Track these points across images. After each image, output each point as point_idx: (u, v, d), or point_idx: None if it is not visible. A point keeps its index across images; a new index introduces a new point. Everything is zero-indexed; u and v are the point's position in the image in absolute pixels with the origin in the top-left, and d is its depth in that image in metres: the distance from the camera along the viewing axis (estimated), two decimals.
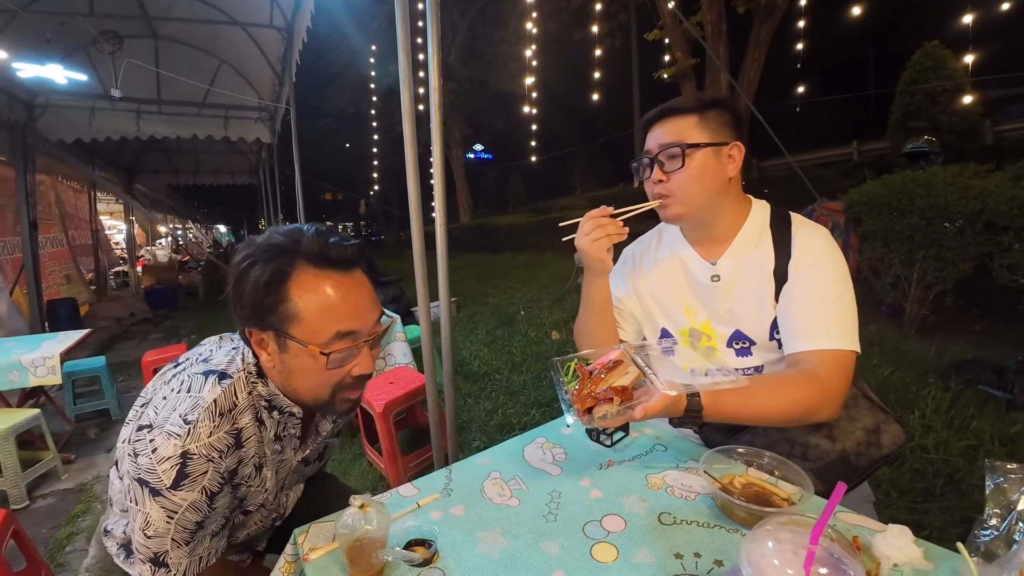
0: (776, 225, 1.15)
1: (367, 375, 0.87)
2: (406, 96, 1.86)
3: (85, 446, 3.43)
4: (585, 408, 0.93)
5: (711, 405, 0.95)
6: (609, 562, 0.81)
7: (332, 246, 0.82)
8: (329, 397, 0.86)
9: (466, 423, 3.13)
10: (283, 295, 0.79)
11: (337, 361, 0.82)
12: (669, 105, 1.15)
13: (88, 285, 8.50)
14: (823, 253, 1.09)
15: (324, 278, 0.81)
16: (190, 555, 0.83)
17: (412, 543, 0.82)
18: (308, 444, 1.01)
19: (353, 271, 0.85)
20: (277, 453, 0.94)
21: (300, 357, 0.82)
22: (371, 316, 0.86)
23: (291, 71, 5.80)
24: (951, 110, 5.63)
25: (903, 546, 0.78)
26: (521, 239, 11.24)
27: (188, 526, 0.80)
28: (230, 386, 0.85)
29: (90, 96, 5.92)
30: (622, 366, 0.98)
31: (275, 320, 0.80)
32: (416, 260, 1.97)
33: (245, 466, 0.86)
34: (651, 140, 1.16)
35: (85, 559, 2.26)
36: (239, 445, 0.84)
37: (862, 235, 3.61)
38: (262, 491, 0.93)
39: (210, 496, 0.80)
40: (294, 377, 0.85)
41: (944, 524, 1.78)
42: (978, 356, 2.84)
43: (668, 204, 1.15)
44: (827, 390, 1.01)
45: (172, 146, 8.54)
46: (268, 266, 0.79)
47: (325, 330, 0.80)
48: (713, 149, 1.10)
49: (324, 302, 0.80)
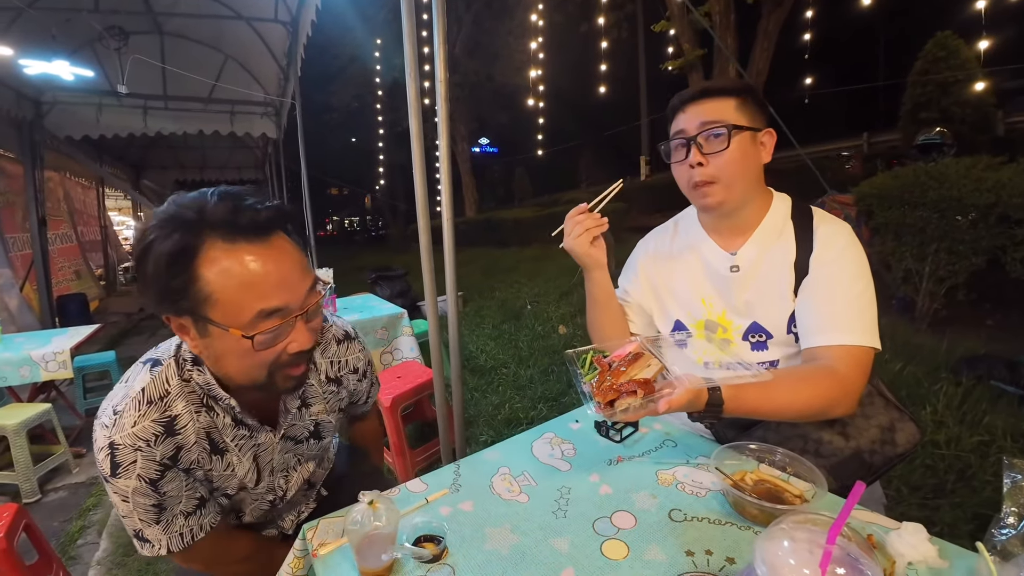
0: (798, 218, 1.13)
1: (307, 350, 0.81)
2: (412, 90, 1.85)
3: None
4: (607, 401, 0.91)
5: (732, 399, 0.94)
6: (620, 559, 0.80)
7: (241, 211, 0.72)
8: (266, 378, 0.80)
9: (473, 417, 3.14)
10: (192, 275, 0.70)
11: (266, 342, 0.75)
12: (709, 85, 1.12)
13: (97, 281, 8.57)
14: (845, 248, 1.07)
15: (236, 251, 0.71)
16: (166, 532, 0.83)
17: (421, 539, 0.82)
18: (281, 425, 0.96)
19: (271, 238, 0.75)
20: (245, 438, 0.91)
21: (224, 340, 0.75)
22: (300, 287, 0.77)
23: (296, 66, 5.79)
24: (963, 101, 5.54)
25: (918, 544, 0.77)
26: (527, 233, 11.20)
27: (147, 508, 0.80)
28: (160, 374, 0.83)
29: (97, 92, 5.93)
30: (643, 358, 0.96)
31: (189, 304, 0.72)
32: (423, 254, 1.97)
33: (188, 452, 0.83)
34: (686, 121, 1.11)
35: (96, 552, 2.28)
36: (172, 432, 0.81)
37: (873, 228, 3.57)
38: (232, 476, 0.91)
39: (151, 482, 0.79)
40: (224, 361, 0.79)
41: (956, 521, 1.76)
42: (990, 351, 2.81)
43: (711, 191, 1.10)
44: (845, 386, 0.99)
45: (179, 142, 8.56)
46: (169, 242, 0.69)
47: (246, 310, 0.72)
48: (751, 134, 1.08)
49: (240, 279, 0.71)
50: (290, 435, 0.99)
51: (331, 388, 1.05)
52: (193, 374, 0.84)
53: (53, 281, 6.06)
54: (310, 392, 1.01)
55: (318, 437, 1.05)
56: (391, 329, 3.10)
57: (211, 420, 0.86)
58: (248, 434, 0.91)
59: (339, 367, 1.06)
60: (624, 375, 0.93)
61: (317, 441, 1.05)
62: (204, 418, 0.85)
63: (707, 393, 0.93)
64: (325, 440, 1.08)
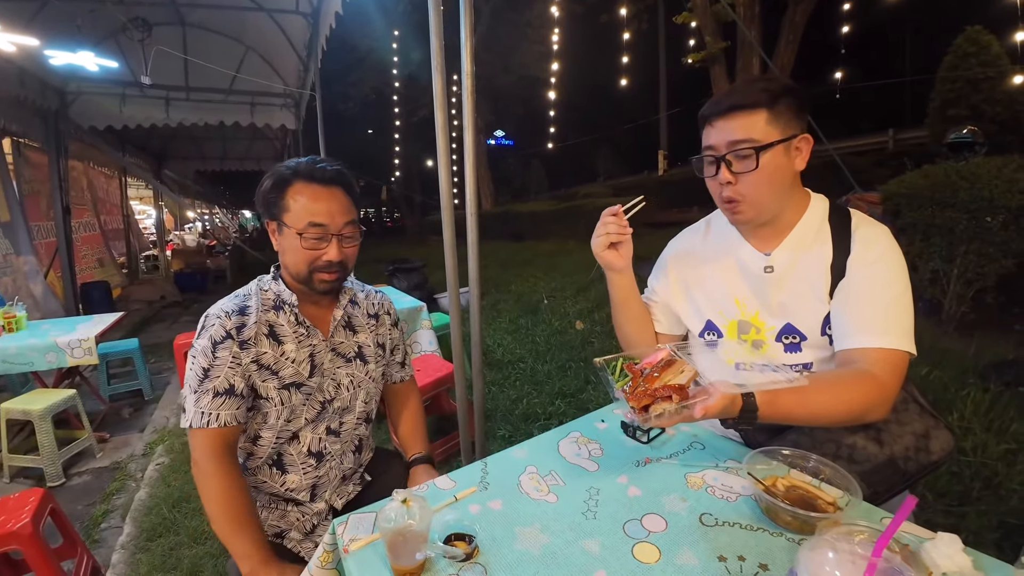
0: (836, 220, 1.11)
1: (336, 262, 1.17)
2: (438, 83, 1.84)
3: (119, 425, 3.54)
4: (641, 406, 0.90)
5: (766, 405, 0.92)
6: (652, 563, 0.80)
7: (318, 168, 1.16)
8: (307, 273, 1.17)
9: (491, 411, 3.15)
10: (281, 195, 1.15)
11: (311, 244, 1.14)
12: (738, 101, 1.06)
13: (120, 269, 8.73)
14: (885, 251, 1.06)
15: (308, 187, 1.15)
16: (196, 404, 1.09)
17: (452, 537, 0.82)
18: (332, 332, 1.26)
19: (332, 187, 1.17)
20: (304, 337, 1.21)
21: (288, 238, 1.16)
22: (339, 219, 1.16)
23: (316, 57, 5.80)
24: (994, 98, 5.36)
25: (953, 555, 0.76)
26: (544, 227, 11.18)
27: (198, 372, 1.10)
28: (250, 284, 1.25)
29: (120, 83, 6.00)
30: (676, 364, 0.95)
31: (276, 211, 1.16)
32: (447, 248, 1.97)
33: (248, 329, 1.14)
34: (715, 136, 1.09)
35: (120, 536, 2.33)
36: (242, 312, 1.15)
37: (900, 228, 3.49)
38: (287, 362, 1.18)
39: (213, 343, 1.11)
40: (286, 253, 1.18)
41: (981, 529, 1.73)
42: (1019, 357, 2.74)
43: (740, 209, 1.10)
44: (882, 390, 0.98)
45: (200, 132, 8.65)
46: (273, 178, 1.17)
47: (302, 219, 1.14)
48: (783, 145, 1.05)
49: (304, 202, 1.14)
50: (340, 351, 1.28)
51: (372, 321, 1.38)
52: (271, 285, 1.23)
53: (76, 269, 6.17)
54: (355, 321, 1.33)
55: (363, 360, 1.32)
56: (411, 323, 3.12)
57: (276, 318, 1.20)
58: (306, 333, 1.22)
59: (377, 307, 1.41)
60: (658, 380, 0.93)
61: (363, 364, 1.32)
62: (271, 315, 1.19)
63: (741, 400, 0.91)
64: (369, 365, 1.33)
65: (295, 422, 1.20)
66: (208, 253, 11.85)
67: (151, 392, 3.98)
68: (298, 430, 1.22)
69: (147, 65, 5.20)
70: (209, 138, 9.78)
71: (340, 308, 1.29)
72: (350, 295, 1.33)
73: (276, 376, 1.17)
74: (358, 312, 1.35)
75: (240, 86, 6.49)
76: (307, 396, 1.21)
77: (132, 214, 10.35)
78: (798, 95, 1.07)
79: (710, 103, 1.12)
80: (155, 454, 3.05)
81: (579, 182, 18.61)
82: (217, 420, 1.10)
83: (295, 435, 1.22)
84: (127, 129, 6.60)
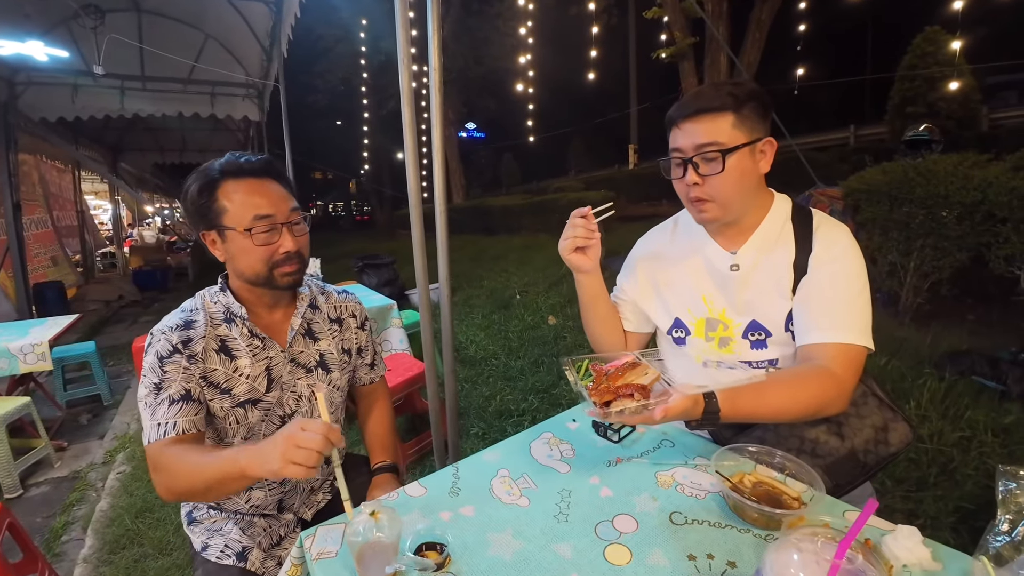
0: (798, 219, 1.14)
1: (294, 252, 1.12)
2: (405, 76, 1.80)
3: (77, 432, 3.40)
4: (603, 401, 0.91)
5: (727, 403, 0.94)
6: (623, 564, 0.80)
7: (244, 162, 1.10)
8: (268, 272, 1.10)
9: (464, 409, 3.13)
10: (213, 199, 1.08)
11: (262, 239, 1.07)
12: (704, 104, 1.07)
13: (75, 267, 8.35)
14: (846, 249, 1.09)
15: (242, 183, 1.09)
16: (151, 418, 1.03)
17: (423, 547, 0.81)
18: (290, 342, 1.19)
19: (264, 178, 1.11)
20: (259, 349, 1.15)
21: (235, 241, 1.08)
22: (283, 206, 1.10)
23: (281, 46, 5.64)
24: (949, 96, 5.59)
25: (912, 547, 0.78)
26: (516, 221, 11.14)
27: (150, 387, 1.04)
28: (196, 295, 1.17)
29: (72, 73, 5.71)
30: (640, 367, 0.97)
31: (212, 217, 1.08)
32: (415, 244, 1.94)
33: (194, 344, 1.08)
34: (682, 138, 1.11)
35: (82, 549, 2.24)
36: (188, 327, 1.09)
37: (860, 222, 3.60)
38: (240, 379, 1.11)
39: (160, 359, 1.05)
40: (236, 259, 1.10)
41: (938, 514, 1.81)
42: (972, 346, 2.86)
43: (706, 208, 1.12)
44: (839, 385, 1.01)
45: (157, 124, 8.30)
46: (199, 182, 1.09)
47: (246, 215, 1.07)
48: (749, 148, 1.07)
49: (242, 197, 1.07)
50: (299, 361, 1.21)
51: (334, 327, 1.30)
52: (219, 297, 1.15)
53: (29, 268, 5.87)
54: (316, 328, 1.26)
55: (326, 369, 1.24)
56: (381, 321, 3.07)
57: (228, 331, 1.13)
58: (261, 345, 1.15)
59: (340, 311, 1.33)
60: (621, 379, 0.94)
61: (326, 373, 1.24)
62: (222, 329, 1.13)
63: (704, 400, 0.93)
64: (333, 374, 1.25)
65: (254, 439, 1.15)
66: (168, 249, 11.44)
67: (110, 397, 3.82)
68: None
69: (100, 54, 4.97)
70: (167, 130, 9.38)
71: (298, 316, 1.21)
72: (308, 299, 1.25)
73: (228, 395, 1.10)
74: (319, 317, 1.27)
75: (200, 76, 6.27)
76: (265, 412, 1.15)
77: (87, 209, 9.91)
78: (763, 99, 1.09)
79: (677, 106, 1.13)
80: (116, 462, 2.94)
81: (551, 175, 18.62)
82: (175, 428, 1.03)
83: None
84: (80, 121, 6.29)
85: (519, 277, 6.50)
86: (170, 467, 1.00)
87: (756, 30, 7.56)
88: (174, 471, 0.99)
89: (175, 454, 1.01)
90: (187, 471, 0.98)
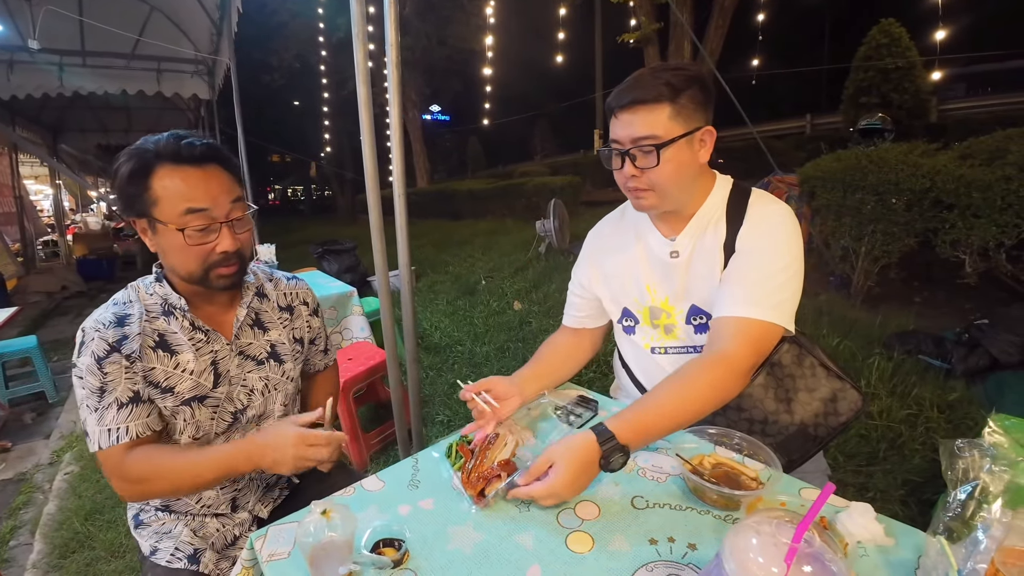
0: (734, 200, 1.13)
1: (233, 252, 1.01)
2: (360, 52, 1.73)
3: (21, 432, 3.23)
4: (478, 492, 0.89)
5: (628, 432, 0.89)
6: (585, 552, 0.79)
7: (184, 145, 0.97)
8: (202, 272, 1.01)
9: (428, 397, 3.10)
10: (145, 186, 0.96)
11: (196, 238, 0.97)
12: (640, 95, 1.04)
13: (14, 257, 7.90)
14: (775, 227, 1.07)
15: (178, 170, 0.97)
16: (99, 424, 0.97)
17: (380, 544, 0.78)
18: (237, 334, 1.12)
19: (206, 166, 0.99)
20: (203, 343, 1.07)
21: (166, 236, 0.98)
22: (223, 200, 1.00)
23: (231, 21, 5.35)
24: (902, 88, 5.78)
25: (867, 523, 0.80)
26: (481, 205, 11.05)
27: (92, 391, 0.97)
28: (129, 287, 1.09)
29: (6, 49, 5.34)
30: (500, 438, 0.96)
31: (141, 206, 0.97)
32: (373, 229, 1.88)
33: (131, 342, 0.99)
34: (619, 129, 1.08)
35: (30, 555, 2.14)
36: (121, 323, 1.00)
37: (815, 208, 3.71)
38: (184, 376, 1.04)
39: (98, 360, 0.97)
40: (168, 255, 1.01)
41: (888, 487, 1.89)
42: (919, 327, 3.00)
43: (644, 196, 1.11)
44: (732, 367, 0.99)
45: (100, 102, 7.82)
46: (131, 164, 0.97)
47: (177, 209, 0.96)
48: (687, 139, 1.05)
49: (176, 187, 0.96)
50: (248, 353, 1.14)
51: (285, 315, 1.23)
52: (155, 287, 1.06)
53: None
54: (265, 317, 1.19)
55: (278, 360, 1.18)
56: (340, 308, 2.99)
57: (167, 325, 1.05)
58: (205, 339, 1.08)
59: (290, 298, 1.26)
60: (486, 461, 0.93)
61: (278, 364, 1.18)
62: (160, 323, 1.04)
63: (597, 445, 0.88)
64: (286, 365, 1.20)
65: (204, 437, 1.09)
66: (115, 237, 10.81)
67: (55, 394, 3.63)
68: (208, 444, 1.10)
69: (35, 27, 4.61)
70: (111, 108, 8.86)
71: (243, 307, 1.13)
72: (255, 288, 1.17)
73: (171, 393, 1.03)
74: (267, 306, 1.20)
75: (144, 51, 5.93)
76: (214, 409, 1.09)
77: (26, 195, 9.34)
78: (703, 86, 1.06)
79: (616, 93, 1.09)
80: (63, 462, 2.81)
81: (517, 160, 18.51)
82: (128, 434, 0.98)
83: None
84: (16, 99, 5.89)
85: (484, 262, 6.46)
86: (141, 473, 0.98)
87: (719, 17, 7.63)
88: (147, 477, 0.98)
89: (141, 459, 0.98)
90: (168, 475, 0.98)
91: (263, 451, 0.96)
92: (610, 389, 1.46)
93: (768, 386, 1.11)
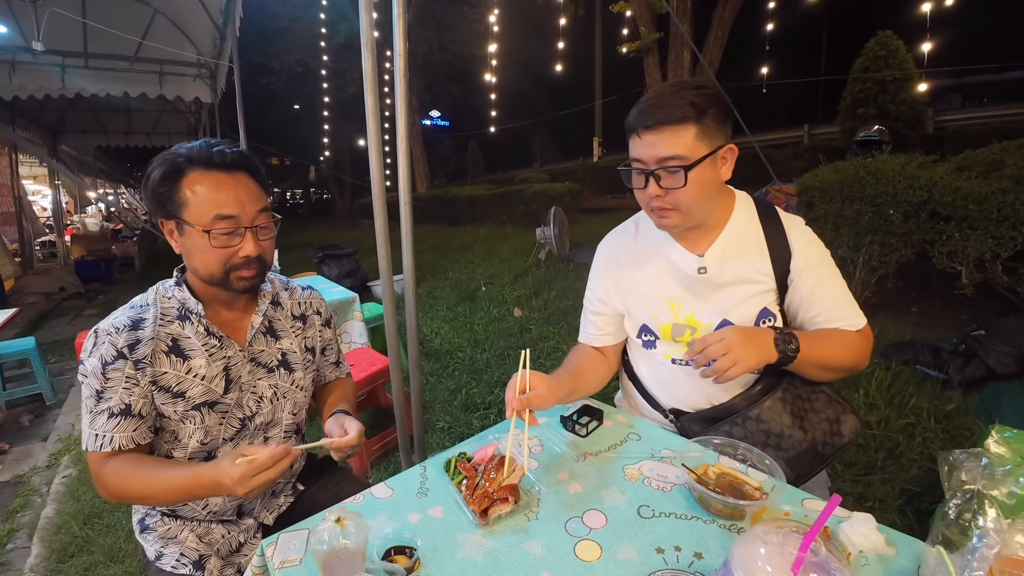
0: (764, 217, 1.17)
1: (255, 257, 1.04)
2: (368, 61, 1.74)
3: (19, 435, 3.20)
4: (482, 509, 0.89)
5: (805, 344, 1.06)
6: (593, 560, 0.80)
7: (216, 152, 1.01)
8: (223, 274, 1.04)
9: (429, 403, 3.10)
10: (176, 188, 1.00)
11: (221, 241, 1.01)
12: (666, 115, 1.03)
13: (12, 258, 7.84)
14: (820, 248, 1.17)
15: (208, 175, 1.01)
16: (90, 426, 1.00)
17: (391, 551, 0.79)
18: (250, 341, 1.13)
19: (236, 173, 1.03)
20: (216, 349, 1.08)
21: (192, 237, 1.01)
22: (250, 208, 1.03)
23: (234, 25, 5.38)
24: (899, 99, 5.85)
25: (868, 533, 0.81)
26: (481, 211, 11.07)
27: (91, 393, 1.00)
28: (148, 291, 1.10)
29: (10, 49, 5.32)
30: (509, 462, 0.94)
31: (171, 208, 1.01)
32: (379, 237, 1.88)
33: (143, 346, 1.01)
34: (643, 148, 1.07)
35: (28, 558, 2.12)
36: (136, 327, 1.02)
37: (812, 218, 3.73)
38: (195, 381, 1.05)
39: (104, 364, 0.99)
40: (192, 256, 1.04)
41: (885, 496, 1.90)
42: (916, 337, 3.02)
43: (669, 215, 1.11)
44: (869, 348, 1.16)
45: (101, 104, 7.84)
46: (164, 167, 1.01)
47: (207, 213, 0.99)
48: (711, 158, 1.05)
49: (206, 192, 1.00)
50: (260, 360, 1.15)
51: (298, 324, 1.24)
52: (174, 292, 1.09)
53: None
54: (278, 325, 1.20)
55: (288, 368, 1.19)
56: (341, 314, 3.00)
57: (181, 329, 1.06)
58: (218, 344, 1.09)
59: (304, 307, 1.27)
60: (494, 481, 0.92)
61: (288, 373, 1.19)
62: (174, 327, 1.06)
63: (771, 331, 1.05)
64: (296, 374, 1.20)
65: (212, 442, 1.10)
66: (113, 238, 10.81)
67: (53, 396, 3.60)
68: (215, 450, 1.11)
69: (40, 29, 4.62)
70: (112, 110, 8.86)
71: (259, 314, 1.14)
72: (270, 296, 1.18)
73: (182, 398, 1.04)
74: (281, 315, 1.21)
75: (147, 53, 5.92)
76: (223, 414, 1.10)
77: (24, 195, 9.30)
78: (723, 104, 1.07)
79: (638, 113, 1.08)
80: (61, 465, 2.79)
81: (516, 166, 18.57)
82: (111, 443, 1.00)
83: (212, 456, 1.11)
84: (17, 100, 5.85)
85: (484, 268, 6.47)
86: (115, 482, 1.01)
87: (719, 28, 7.71)
88: (119, 487, 1.01)
89: (118, 468, 1.01)
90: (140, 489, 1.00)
91: (218, 482, 0.94)
92: (615, 399, 1.47)
93: (786, 400, 1.14)
